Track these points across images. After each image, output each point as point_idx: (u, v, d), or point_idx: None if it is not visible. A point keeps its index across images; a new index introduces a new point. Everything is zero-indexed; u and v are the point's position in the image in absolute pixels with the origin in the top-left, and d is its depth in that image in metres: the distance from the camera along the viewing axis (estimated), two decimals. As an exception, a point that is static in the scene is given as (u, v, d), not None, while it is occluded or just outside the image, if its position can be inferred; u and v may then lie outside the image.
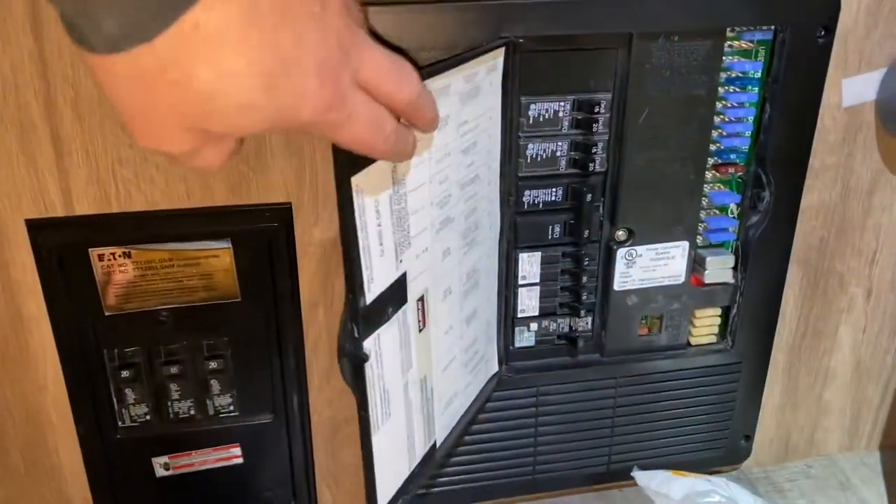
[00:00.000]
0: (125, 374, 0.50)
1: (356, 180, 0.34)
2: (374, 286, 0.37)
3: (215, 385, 0.52)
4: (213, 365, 0.51)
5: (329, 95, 0.27)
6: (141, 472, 0.53)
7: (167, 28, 0.23)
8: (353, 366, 0.37)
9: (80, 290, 0.47)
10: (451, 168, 0.42)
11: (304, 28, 0.26)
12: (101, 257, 0.46)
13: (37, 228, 0.45)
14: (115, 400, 0.51)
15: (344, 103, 0.28)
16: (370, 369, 0.38)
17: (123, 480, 0.53)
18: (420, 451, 0.45)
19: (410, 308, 0.41)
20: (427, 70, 0.36)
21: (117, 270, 0.47)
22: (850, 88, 0.51)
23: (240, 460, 0.55)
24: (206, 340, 0.50)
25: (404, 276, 0.39)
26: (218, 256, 0.48)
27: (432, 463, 0.46)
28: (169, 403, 0.52)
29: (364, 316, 0.36)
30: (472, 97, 0.42)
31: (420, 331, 0.42)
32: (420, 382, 0.43)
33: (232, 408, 0.53)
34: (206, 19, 0.23)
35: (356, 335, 0.36)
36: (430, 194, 0.40)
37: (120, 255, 0.46)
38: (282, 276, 0.49)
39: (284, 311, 0.50)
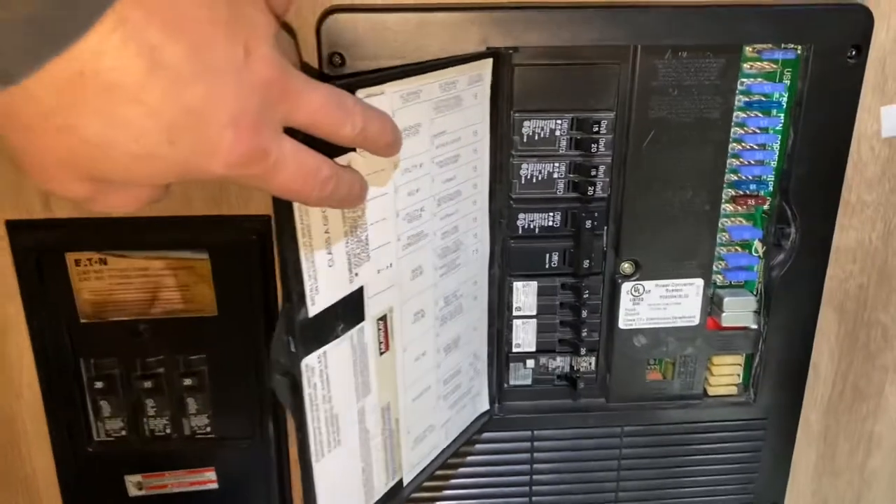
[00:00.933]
0: (100, 385, 0.47)
1: (298, 180, 0.30)
2: (320, 298, 0.33)
3: (192, 404, 0.49)
4: (188, 382, 0.48)
5: (245, 149, 0.25)
6: (114, 490, 0.50)
7: (33, 72, 0.21)
8: (291, 384, 0.33)
9: (56, 295, 0.45)
10: (424, 180, 0.38)
11: (220, 81, 0.24)
12: (77, 262, 0.44)
13: (16, 229, 0.43)
14: (90, 412, 0.48)
15: (265, 156, 0.25)
16: (313, 389, 0.34)
17: (96, 497, 0.50)
18: (380, 487, 0.40)
19: (369, 327, 0.37)
20: (383, 75, 0.33)
21: (93, 276, 0.45)
22: (890, 117, 0.44)
23: (214, 486, 0.51)
24: (183, 356, 0.47)
25: (361, 291, 0.35)
26: (194, 268, 0.45)
27: (397, 502, 0.41)
28: (145, 420, 0.49)
29: (304, 330, 0.32)
30: (450, 107, 0.38)
31: (381, 353, 0.38)
32: (381, 411, 0.39)
33: (209, 429, 0.49)
34: (95, 68, 0.21)
35: (292, 349, 0.32)
36: (395, 205, 0.36)
37: (96, 261, 0.44)
38: (259, 291, 0.45)
39: (261, 328, 0.46)
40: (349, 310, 0.35)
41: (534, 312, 0.47)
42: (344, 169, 0.30)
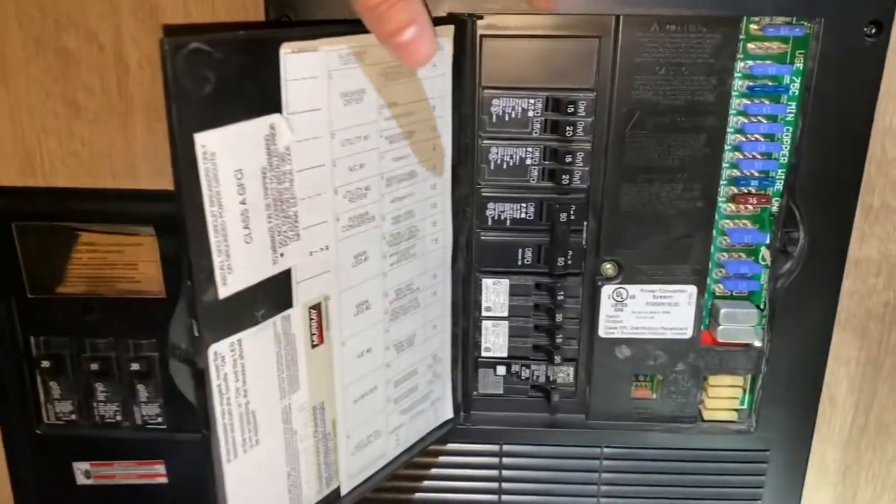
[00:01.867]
0: (46, 364, 0.45)
1: (204, 139, 0.27)
2: (234, 279, 0.30)
3: (142, 391, 0.46)
4: (136, 367, 0.46)
5: None
6: (62, 476, 0.48)
7: None
8: (194, 373, 0.30)
9: (3, 265, 0.43)
10: (371, 155, 0.34)
11: None
12: (23, 232, 0.43)
13: (-38, 196, 0.42)
14: (40, 392, 0.47)
15: None
16: (223, 381, 0.31)
17: (44, 482, 0.48)
18: (311, 495, 0.36)
19: (298, 316, 0.33)
20: (316, 30, 0.30)
21: (39, 249, 0.43)
22: (921, 108, 0.39)
23: (164, 480, 0.48)
24: (132, 339, 0.45)
25: (288, 274, 0.32)
26: (142, 245, 0.43)
27: (332, 512, 0.37)
28: (95, 405, 0.47)
29: (212, 313, 0.29)
30: (403, 76, 0.35)
31: (314, 346, 0.34)
32: (313, 410, 0.35)
33: (160, 419, 0.47)
34: None
35: (195, 333, 0.29)
36: (332, 181, 0.33)
37: (43, 232, 0.43)
38: (208, 274, 0.43)
39: (211, 315, 0.44)
40: (272, 294, 0.32)
41: (505, 314, 0.43)
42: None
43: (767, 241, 0.42)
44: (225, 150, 0.28)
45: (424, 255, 0.39)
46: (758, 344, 0.43)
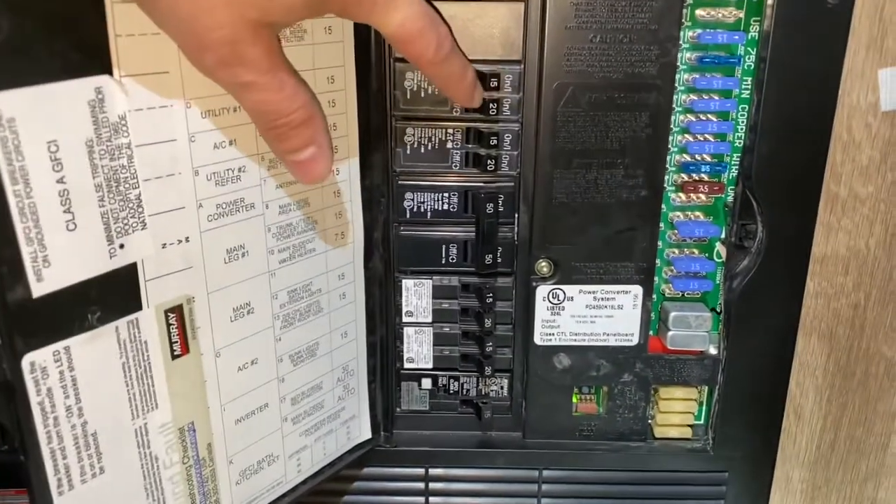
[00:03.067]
0: None
1: (-2, 99, 0.21)
2: (53, 273, 0.23)
3: (20, 408, 0.39)
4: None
5: None
6: (-64, 505, 0.41)
7: None
8: (2, 388, 0.23)
9: None
10: (244, 130, 0.28)
11: None
12: None
13: None
14: None
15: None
16: (46, 398, 0.24)
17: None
18: (181, 535, 0.29)
19: (150, 320, 0.26)
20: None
21: None
22: (891, 84, 0.33)
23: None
24: (8, 350, 0.38)
25: (133, 269, 0.25)
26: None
27: (212, 553, 0.30)
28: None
29: (24, 315, 0.23)
30: (284, 38, 0.28)
31: (175, 357, 0.28)
32: (179, 432, 0.28)
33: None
34: None
35: (-1, 340, 0.22)
36: (190, 160, 0.26)
37: None
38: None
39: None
40: (112, 293, 0.25)
41: (429, 319, 0.37)
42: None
43: (722, 235, 0.35)
44: (28, 116, 0.22)
45: (327, 252, 0.33)
46: (713, 351, 0.37)
